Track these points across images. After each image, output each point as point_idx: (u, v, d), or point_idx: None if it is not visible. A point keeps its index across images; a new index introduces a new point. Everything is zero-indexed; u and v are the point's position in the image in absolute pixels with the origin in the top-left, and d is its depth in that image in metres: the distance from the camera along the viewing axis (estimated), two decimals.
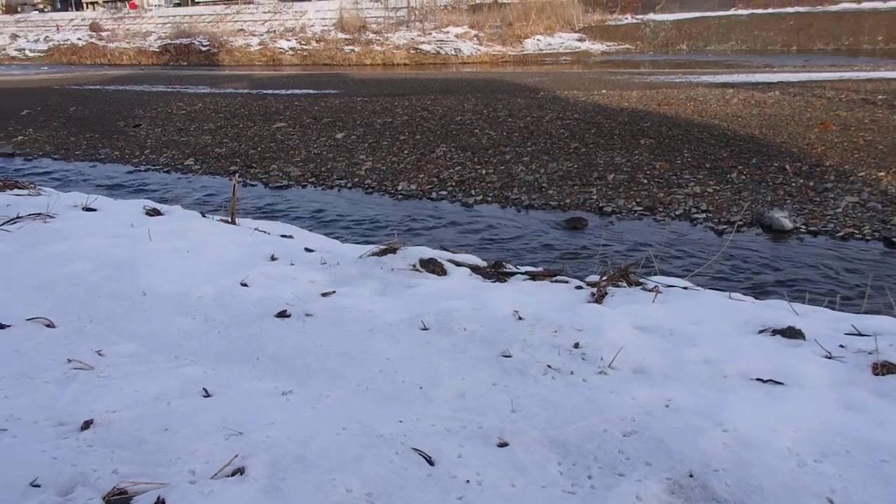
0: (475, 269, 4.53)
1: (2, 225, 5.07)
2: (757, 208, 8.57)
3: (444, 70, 33.55)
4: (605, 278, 4.12)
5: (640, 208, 8.99)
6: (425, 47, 40.12)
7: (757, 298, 4.12)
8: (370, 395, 2.87)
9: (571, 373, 2.93)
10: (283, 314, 3.67)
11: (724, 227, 8.14)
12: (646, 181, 10.06)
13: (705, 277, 6.14)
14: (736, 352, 3.01)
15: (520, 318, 3.45)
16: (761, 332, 3.27)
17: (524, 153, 12.01)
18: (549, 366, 2.99)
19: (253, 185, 11.34)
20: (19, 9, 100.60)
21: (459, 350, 3.19)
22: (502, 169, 11.15)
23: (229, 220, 6.04)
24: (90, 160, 13.96)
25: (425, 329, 3.41)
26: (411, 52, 40.07)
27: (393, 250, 4.65)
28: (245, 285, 4.14)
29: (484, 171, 11.07)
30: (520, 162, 11.48)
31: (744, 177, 9.89)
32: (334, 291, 4.05)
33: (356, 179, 11.23)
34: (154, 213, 5.85)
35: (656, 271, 4.57)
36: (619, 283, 4.08)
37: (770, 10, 36.85)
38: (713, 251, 7.20)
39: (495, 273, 4.50)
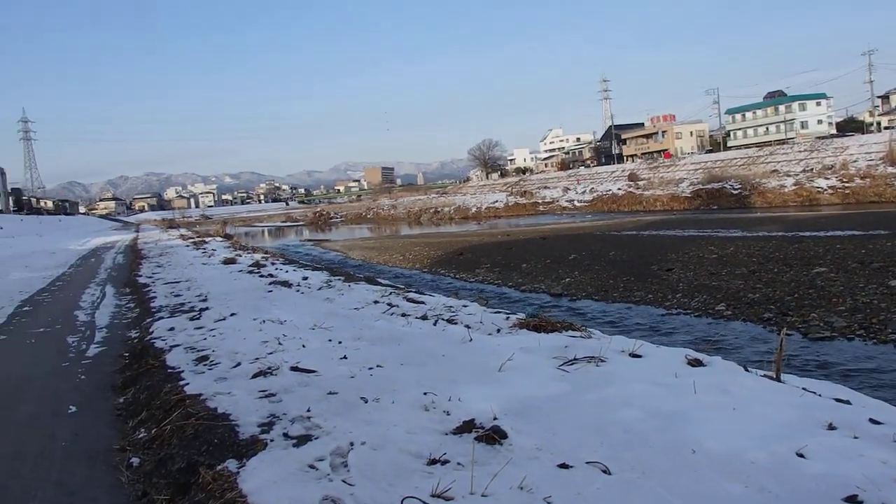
0: None
1: (561, 365, 5.58)
2: None
3: None
4: None
5: None
6: None
7: None
8: None
9: None
10: (853, 499, 3.19)
11: None
12: None
13: None
14: None
15: None
16: None
17: None
18: None
19: (788, 335, 10.65)
20: (571, 165, 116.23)
21: None
22: None
23: (773, 375, 5.68)
24: (626, 302, 14.82)
25: None
26: None
27: None
28: (801, 456, 3.76)
29: None
30: None
31: None
32: None
33: None
34: (695, 363, 5.82)
35: None
36: None
37: None
38: None
39: None
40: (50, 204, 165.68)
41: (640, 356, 6.06)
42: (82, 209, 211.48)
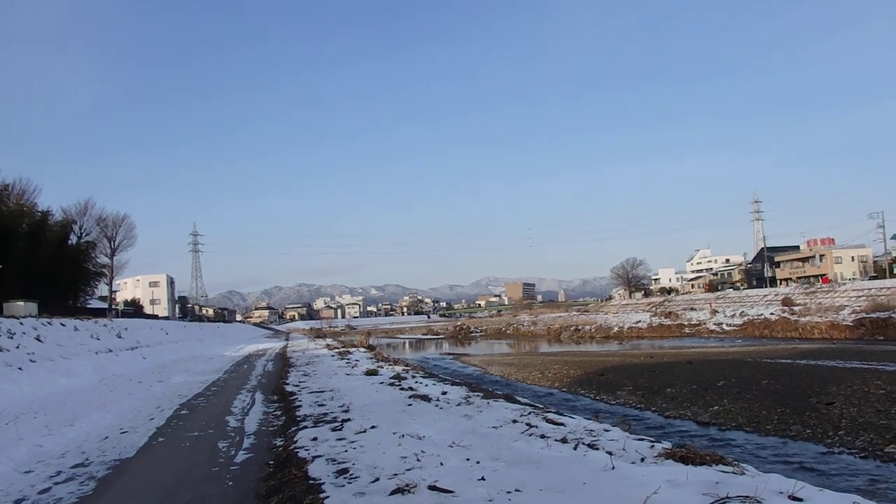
0: None
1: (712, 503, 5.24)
2: None
3: None
4: None
5: None
6: None
7: None
8: None
9: None
10: None
11: None
12: None
13: None
14: None
15: None
16: None
17: None
18: None
19: None
20: (719, 287, 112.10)
21: None
22: None
23: None
24: (780, 436, 13.82)
25: None
26: None
27: None
28: None
29: None
30: None
31: None
32: None
33: None
34: None
35: None
36: None
37: None
38: None
39: None
40: (210, 311, 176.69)
41: (800, 500, 5.59)
42: (238, 317, 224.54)
